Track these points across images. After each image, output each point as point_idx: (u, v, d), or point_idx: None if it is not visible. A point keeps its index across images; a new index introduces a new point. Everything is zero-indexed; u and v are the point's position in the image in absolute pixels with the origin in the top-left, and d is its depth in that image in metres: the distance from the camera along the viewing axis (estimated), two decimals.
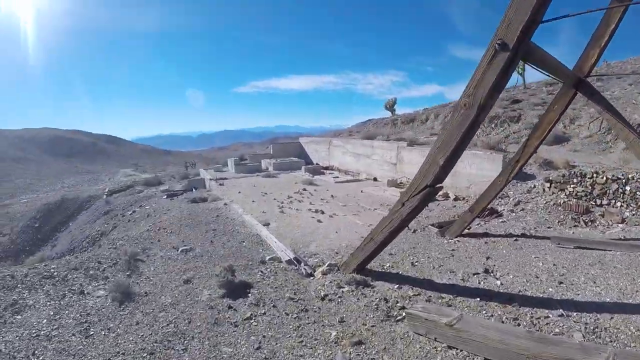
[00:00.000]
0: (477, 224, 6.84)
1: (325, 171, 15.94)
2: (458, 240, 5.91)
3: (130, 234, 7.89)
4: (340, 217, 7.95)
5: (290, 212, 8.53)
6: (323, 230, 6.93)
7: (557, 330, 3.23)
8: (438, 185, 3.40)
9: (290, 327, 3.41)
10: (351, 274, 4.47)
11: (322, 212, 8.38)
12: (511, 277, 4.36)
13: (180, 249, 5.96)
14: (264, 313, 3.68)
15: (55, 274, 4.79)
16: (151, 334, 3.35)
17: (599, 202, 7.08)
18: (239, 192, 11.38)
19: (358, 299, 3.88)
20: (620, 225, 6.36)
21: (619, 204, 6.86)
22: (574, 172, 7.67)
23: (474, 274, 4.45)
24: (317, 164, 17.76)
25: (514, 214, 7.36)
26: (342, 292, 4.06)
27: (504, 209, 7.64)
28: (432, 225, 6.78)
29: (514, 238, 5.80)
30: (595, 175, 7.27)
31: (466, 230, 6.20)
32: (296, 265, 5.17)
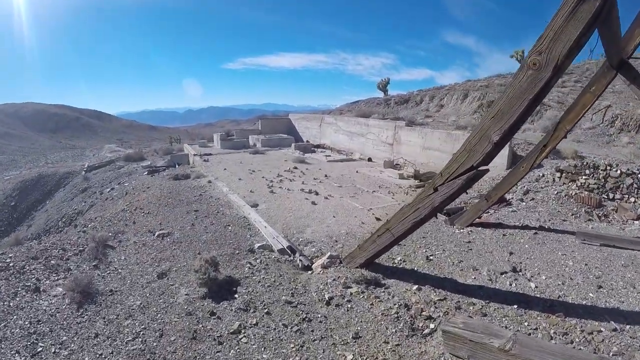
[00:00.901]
0: (486, 213, 6.24)
1: (316, 149, 15.14)
2: (471, 231, 5.29)
3: (104, 214, 7.06)
4: (337, 199, 7.25)
5: (280, 193, 7.79)
6: (319, 214, 6.23)
7: (615, 349, 2.66)
8: (483, 168, 2.67)
9: (292, 346, 2.68)
10: (357, 268, 3.80)
11: (317, 193, 7.66)
12: (544, 278, 3.76)
13: (156, 233, 5.19)
14: (256, 323, 2.96)
15: (12, 264, 3.97)
16: (112, 352, 2.60)
17: (611, 196, 6.59)
18: (225, 169, 10.57)
19: (372, 304, 3.19)
20: (636, 222, 5.88)
21: (632, 199, 6.40)
22: (586, 163, 7.17)
23: (501, 274, 3.83)
24: (307, 141, 16.93)
25: (523, 203, 6.80)
26: (351, 294, 3.37)
27: (512, 197, 7.07)
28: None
29: (533, 231, 5.21)
30: (608, 167, 6.80)
31: (477, 220, 5.60)
32: (290, 256, 4.48)
